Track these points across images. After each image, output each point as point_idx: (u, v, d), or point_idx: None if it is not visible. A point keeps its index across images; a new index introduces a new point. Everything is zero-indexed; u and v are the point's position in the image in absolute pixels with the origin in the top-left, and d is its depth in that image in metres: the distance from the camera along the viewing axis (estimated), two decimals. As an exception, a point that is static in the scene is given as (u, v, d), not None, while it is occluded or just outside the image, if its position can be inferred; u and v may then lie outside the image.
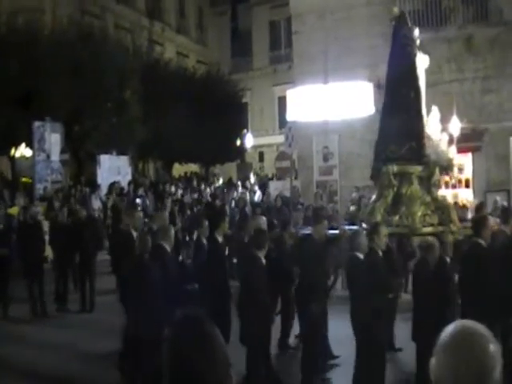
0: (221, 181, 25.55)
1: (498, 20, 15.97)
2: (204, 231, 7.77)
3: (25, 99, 17.40)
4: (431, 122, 9.22)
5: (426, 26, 15.79)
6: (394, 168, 8.80)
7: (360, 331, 5.98)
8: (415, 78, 9.06)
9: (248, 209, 15.30)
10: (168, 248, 6.63)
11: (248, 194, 19.32)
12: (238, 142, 29.78)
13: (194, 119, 24.12)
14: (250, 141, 31.45)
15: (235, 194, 20.31)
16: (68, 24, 21.15)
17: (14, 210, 14.08)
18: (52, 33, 20.03)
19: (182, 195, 19.91)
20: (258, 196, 20.88)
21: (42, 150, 18.34)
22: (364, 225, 8.66)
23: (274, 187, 17.64)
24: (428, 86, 16.30)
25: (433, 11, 15.93)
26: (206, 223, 7.84)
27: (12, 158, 20.01)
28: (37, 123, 17.96)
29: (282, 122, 24.40)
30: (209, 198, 17.55)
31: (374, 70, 16.25)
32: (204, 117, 24.69)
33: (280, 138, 23.42)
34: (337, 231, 8.52)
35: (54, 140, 18.58)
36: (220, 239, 7.57)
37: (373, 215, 8.55)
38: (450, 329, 1.64)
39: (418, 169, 8.88)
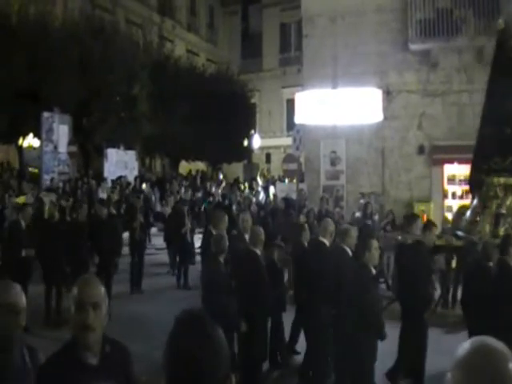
0: (223, 183, 25.39)
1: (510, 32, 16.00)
2: (306, 235, 7.62)
3: (33, 91, 17.41)
4: None
5: (437, 36, 15.82)
6: (501, 180, 8.93)
7: None
8: None
9: (253, 209, 15.39)
10: (260, 254, 6.53)
11: (252, 194, 19.36)
12: (246, 143, 29.83)
13: (201, 117, 24.16)
14: (257, 142, 31.48)
15: (239, 194, 20.39)
16: (79, 17, 21.22)
17: (22, 200, 14.10)
18: (63, 25, 20.00)
19: (193, 194, 19.84)
20: (261, 197, 20.97)
21: (49, 141, 18.37)
22: (460, 233, 8.75)
23: (281, 189, 17.68)
24: (436, 95, 16.58)
25: (444, 21, 15.92)
26: (306, 226, 7.76)
27: (20, 148, 20.08)
28: (45, 114, 17.98)
29: (290, 125, 24.44)
30: (219, 198, 17.59)
31: (383, 76, 16.28)
32: (212, 115, 24.72)
33: (287, 140, 23.45)
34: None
35: (62, 131, 18.59)
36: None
37: (478, 226, 8.63)
38: (467, 345, 1.53)
39: None
